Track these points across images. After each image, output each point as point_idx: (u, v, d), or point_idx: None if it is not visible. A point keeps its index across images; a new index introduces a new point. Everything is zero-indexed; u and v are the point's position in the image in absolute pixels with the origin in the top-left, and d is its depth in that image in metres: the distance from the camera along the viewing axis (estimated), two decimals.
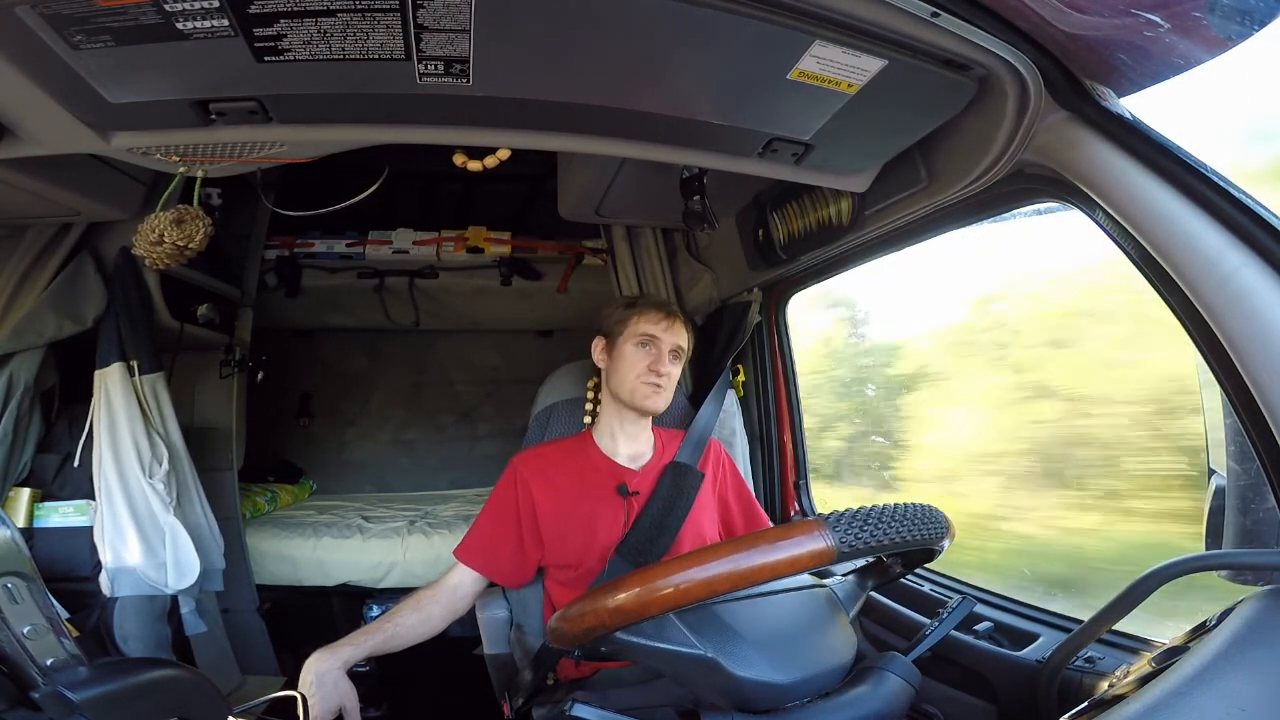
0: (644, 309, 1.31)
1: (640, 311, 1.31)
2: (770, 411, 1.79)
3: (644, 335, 1.28)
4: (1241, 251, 0.69)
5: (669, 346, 1.28)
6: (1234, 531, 0.79)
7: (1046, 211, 1.06)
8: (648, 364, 1.27)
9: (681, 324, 1.32)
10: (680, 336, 1.31)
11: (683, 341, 1.31)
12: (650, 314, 1.30)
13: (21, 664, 0.50)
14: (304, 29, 0.72)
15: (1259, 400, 0.67)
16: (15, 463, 1.57)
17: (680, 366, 1.33)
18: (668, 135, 1.00)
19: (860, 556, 0.69)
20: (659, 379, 1.26)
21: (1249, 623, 0.61)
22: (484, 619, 1.31)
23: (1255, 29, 0.69)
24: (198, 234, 1.21)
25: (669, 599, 0.65)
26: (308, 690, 1.01)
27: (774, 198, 1.48)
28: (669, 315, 1.31)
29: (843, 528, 0.66)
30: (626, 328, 1.30)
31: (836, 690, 0.75)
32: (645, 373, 1.26)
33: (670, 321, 1.30)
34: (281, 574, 2.13)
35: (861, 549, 0.66)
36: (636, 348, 1.28)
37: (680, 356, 1.32)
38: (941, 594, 1.29)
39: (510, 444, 3.03)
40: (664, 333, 1.28)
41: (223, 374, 2.11)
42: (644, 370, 1.27)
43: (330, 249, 2.42)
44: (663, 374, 1.26)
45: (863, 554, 0.68)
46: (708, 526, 1.29)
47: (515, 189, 2.49)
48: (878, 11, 0.73)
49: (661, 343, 1.28)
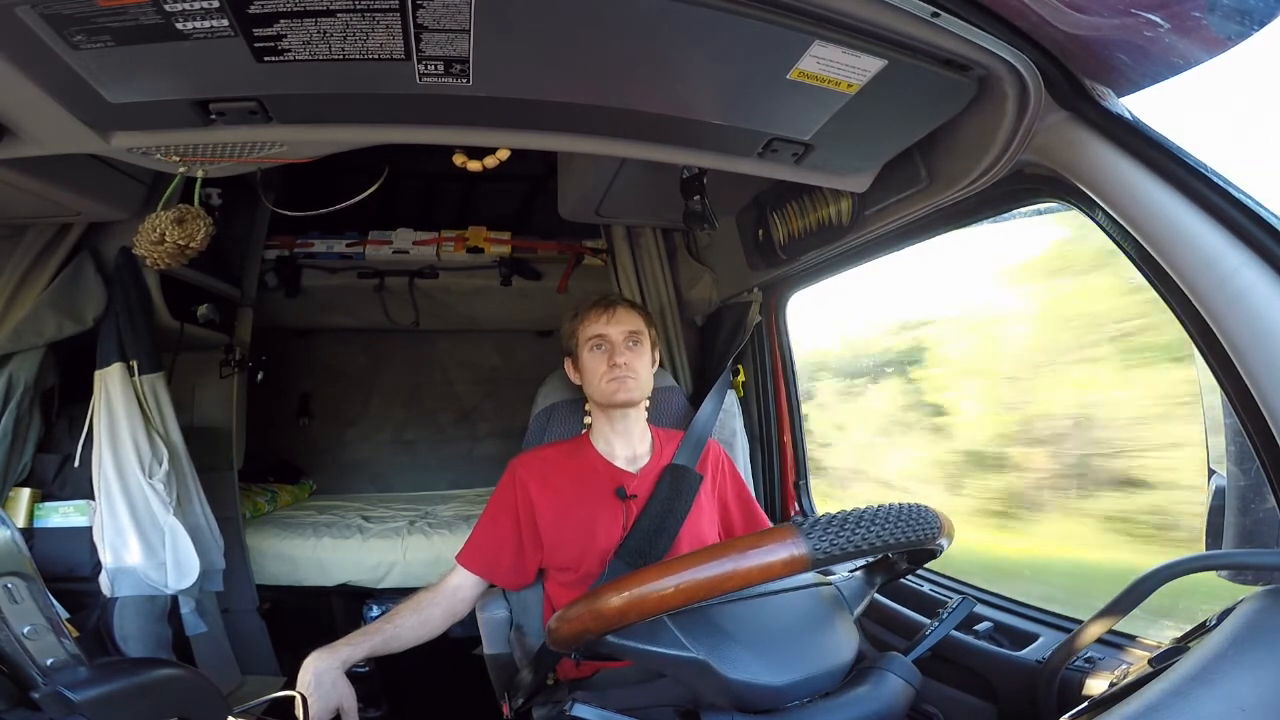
0: (584, 314, 1.31)
1: (582, 318, 1.31)
2: (770, 412, 1.79)
3: (592, 338, 1.28)
4: (1241, 251, 0.69)
5: (619, 336, 1.27)
6: (1234, 531, 0.79)
7: (1047, 211, 1.06)
8: (605, 362, 1.27)
9: (625, 309, 1.31)
10: (628, 321, 1.29)
11: (633, 325, 1.29)
12: (590, 315, 1.30)
13: (21, 664, 0.50)
14: (304, 29, 0.72)
15: (1259, 400, 0.67)
16: (15, 463, 1.57)
17: (646, 350, 1.32)
18: (668, 135, 1.00)
19: (837, 562, 0.68)
20: (619, 370, 1.25)
21: (1249, 623, 0.61)
22: (484, 619, 1.31)
23: (1255, 29, 0.69)
24: (199, 233, 1.21)
25: (651, 605, 0.65)
26: (305, 690, 1.01)
27: (774, 198, 1.48)
28: (608, 308, 1.30)
29: (816, 534, 0.65)
30: (577, 338, 1.31)
31: (836, 690, 0.75)
32: (606, 370, 1.26)
33: (611, 313, 1.29)
34: (281, 574, 2.13)
35: (838, 555, 0.66)
36: (592, 352, 1.28)
37: (640, 339, 1.30)
38: (941, 594, 1.29)
39: (510, 444, 3.03)
40: (608, 326, 1.27)
41: (223, 374, 2.11)
42: (605, 369, 1.26)
43: (330, 249, 2.42)
44: (620, 364, 1.25)
45: (839, 560, 0.67)
46: (707, 528, 1.29)
47: (515, 189, 2.49)
48: (878, 11, 0.73)
49: (610, 336, 1.27)
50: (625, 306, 1.31)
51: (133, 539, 1.53)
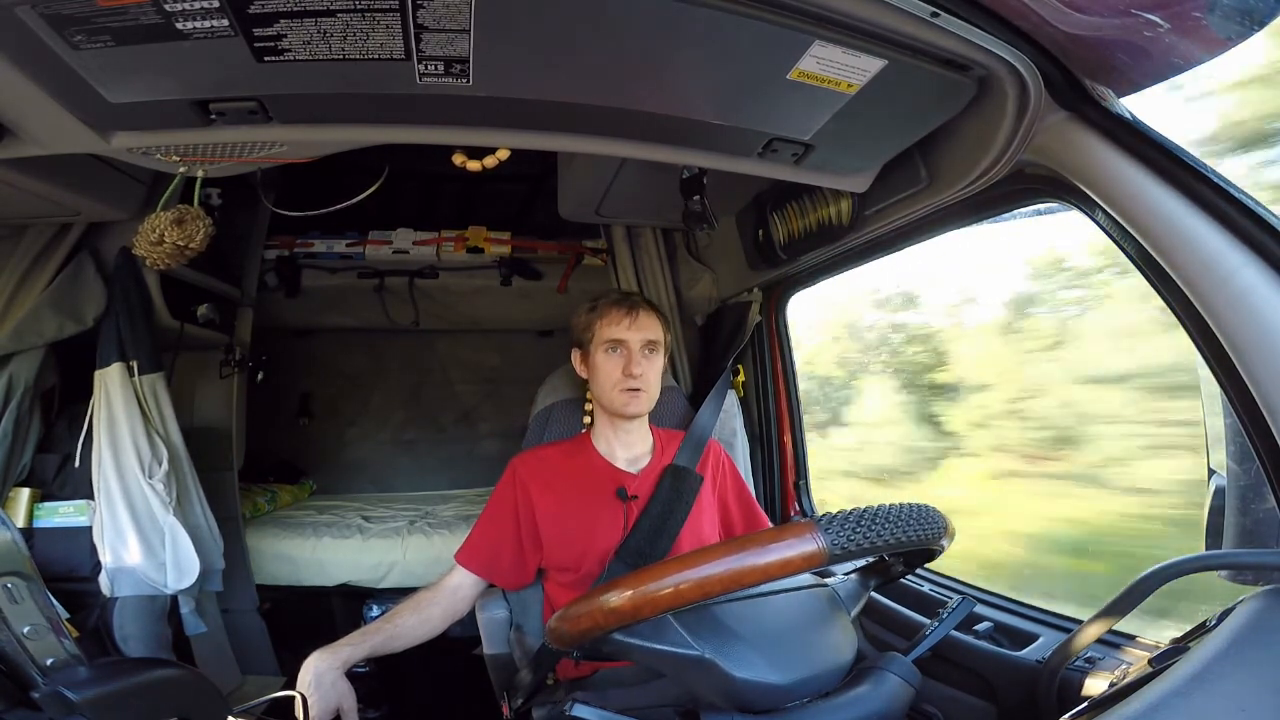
0: (604, 310, 1.26)
1: (602, 314, 1.26)
2: (770, 412, 1.79)
3: (610, 341, 1.24)
4: (1241, 251, 0.69)
5: (638, 344, 1.23)
6: (1234, 531, 0.79)
7: (1047, 211, 1.06)
8: (620, 369, 1.23)
9: (648, 313, 1.26)
10: (649, 329, 1.25)
11: (653, 334, 1.25)
12: (611, 314, 1.25)
13: (21, 664, 0.50)
14: (304, 29, 0.72)
15: (1259, 400, 0.67)
16: (15, 463, 1.57)
17: (660, 358, 1.28)
18: (668, 135, 1.00)
19: (853, 559, 0.69)
20: (634, 381, 1.22)
21: (1249, 623, 0.61)
22: (484, 619, 1.31)
23: (1255, 29, 0.69)
24: (198, 234, 1.21)
25: (664, 601, 0.65)
26: (305, 690, 1.01)
27: (774, 198, 1.48)
28: (630, 310, 1.25)
29: (835, 529, 0.65)
30: (593, 334, 1.26)
31: (836, 690, 0.75)
32: (620, 379, 1.23)
33: (633, 317, 1.24)
34: (281, 574, 2.13)
35: (854, 551, 0.66)
36: (607, 354, 1.24)
37: (657, 349, 1.27)
38: (941, 594, 1.29)
39: (510, 444, 3.02)
40: (628, 331, 1.23)
41: (223, 374, 2.11)
42: (619, 378, 1.23)
43: (330, 249, 2.42)
44: (637, 375, 1.22)
45: (855, 556, 0.67)
46: (707, 529, 1.29)
47: (515, 189, 2.49)
48: (878, 11, 0.73)
49: (629, 343, 1.23)
50: (647, 310, 1.27)
51: (132, 539, 1.53)
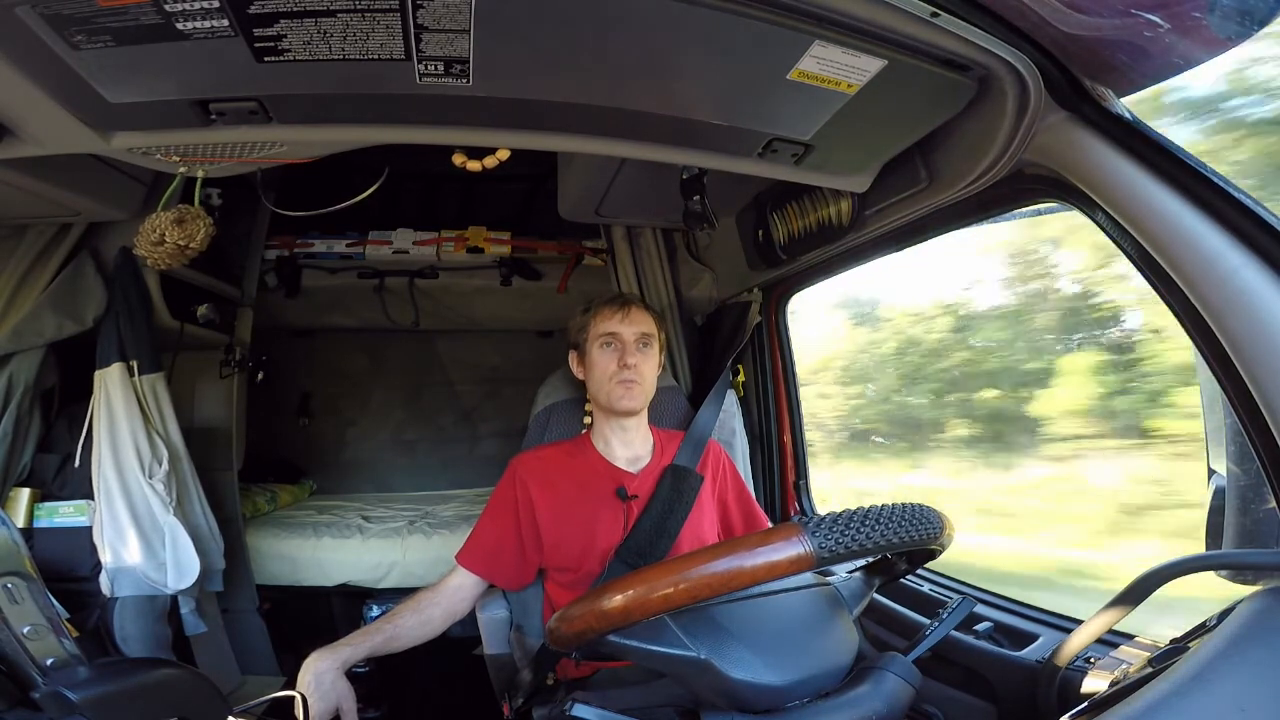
0: (598, 308, 1.29)
1: (595, 312, 1.29)
2: (770, 411, 1.79)
3: (604, 335, 1.27)
4: (1241, 251, 0.69)
5: (632, 337, 1.26)
6: (1234, 531, 0.79)
7: (1047, 211, 1.06)
8: (616, 362, 1.25)
9: (640, 309, 1.29)
10: (642, 323, 1.28)
11: (647, 327, 1.28)
12: (605, 311, 1.28)
13: (21, 664, 0.50)
14: (304, 29, 0.72)
15: (1259, 400, 0.67)
16: (15, 463, 1.57)
17: (655, 353, 1.30)
18: (668, 135, 1.00)
19: (841, 561, 0.68)
20: (629, 373, 1.24)
21: (1249, 623, 0.61)
22: (484, 619, 1.31)
23: (1255, 29, 0.69)
24: (199, 234, 1.21)
25: (655, 604, 0.65)
26: (305, 690, 1.01)
27: (774, 198, 1.48)
28: (623, 306, 1.28)
29: (822, 533, 0.65)
30: (588, 332, 1.29)
31: (836, 690, 0.75)
32: (616, 372, 1.25)
33: (626, 311, 1.27)
34: (281, 574, 2.13)
35: (842, 554, 0.65)
36: (602, 349, 1.27)
37: (651, 343, 1.29)
38: (941, 594, 1.29)
39: (510, 444, 3.02)
40: (622, 324, 1.26)
41: (223, 374, 2.11)
42: (614, 370, 1.25)
43: (330, 249, 2.42)
44: (631, 365, 1.24)
45: (844, 559, 0.67)
46: (707, 529, 1.29)
47: (515, 189, 2.49)
48: (878, 11, 0.73)
49: (623, 335, 1.26)
50: (640, 307, 1.30)
51: (132, 539, 1.53)
